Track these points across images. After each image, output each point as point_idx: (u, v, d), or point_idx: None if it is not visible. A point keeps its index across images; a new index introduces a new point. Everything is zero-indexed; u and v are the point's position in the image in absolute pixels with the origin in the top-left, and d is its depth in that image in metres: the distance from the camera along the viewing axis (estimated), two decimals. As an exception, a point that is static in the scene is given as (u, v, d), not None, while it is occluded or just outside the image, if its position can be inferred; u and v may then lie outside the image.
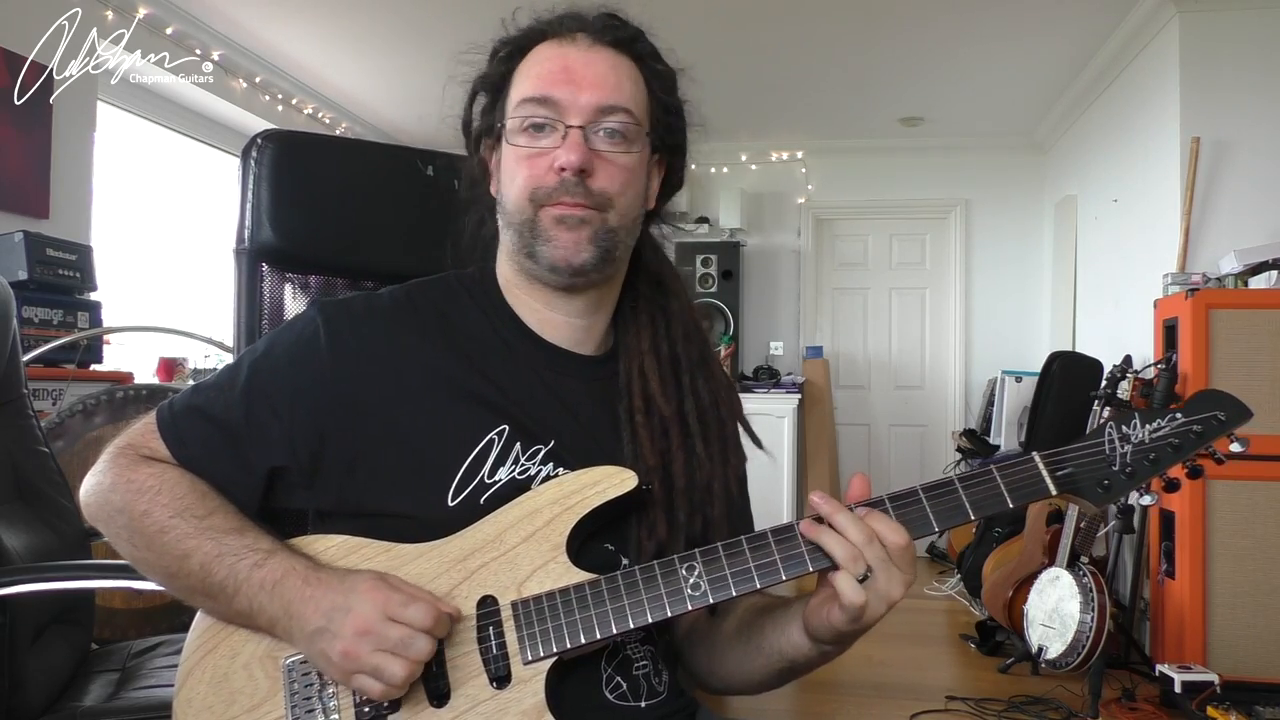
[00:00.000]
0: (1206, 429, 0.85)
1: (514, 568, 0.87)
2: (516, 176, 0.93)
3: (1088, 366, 3.95)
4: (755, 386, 5.22)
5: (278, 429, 0.91)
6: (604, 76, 0.93)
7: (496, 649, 0.85)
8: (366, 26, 4.11)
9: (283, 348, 0.94)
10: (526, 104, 0.93)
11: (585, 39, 0.95)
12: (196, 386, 0.96)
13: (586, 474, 0.90)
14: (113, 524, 0.90)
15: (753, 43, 4.21)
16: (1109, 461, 0.85)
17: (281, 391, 0.92)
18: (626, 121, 0.93)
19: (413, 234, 1.26)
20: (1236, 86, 3.47)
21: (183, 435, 0.92)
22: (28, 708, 1.38)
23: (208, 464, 0.91)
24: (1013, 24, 3.96)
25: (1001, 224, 5.69)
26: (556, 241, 0.92)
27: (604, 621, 0.85)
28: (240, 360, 0.96)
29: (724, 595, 0.85)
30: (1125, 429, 0.86)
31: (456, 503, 0.90)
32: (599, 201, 0.92)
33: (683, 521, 0.95)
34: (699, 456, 0.98)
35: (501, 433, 0.92)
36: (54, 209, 3.26)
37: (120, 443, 0.93)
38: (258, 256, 1.18)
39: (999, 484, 0.84)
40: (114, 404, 2.63)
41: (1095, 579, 2.92)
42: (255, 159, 1.16)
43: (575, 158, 0.90)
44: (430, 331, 0.95)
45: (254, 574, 0.84)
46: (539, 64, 0.94)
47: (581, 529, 0.89)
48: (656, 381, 0.99)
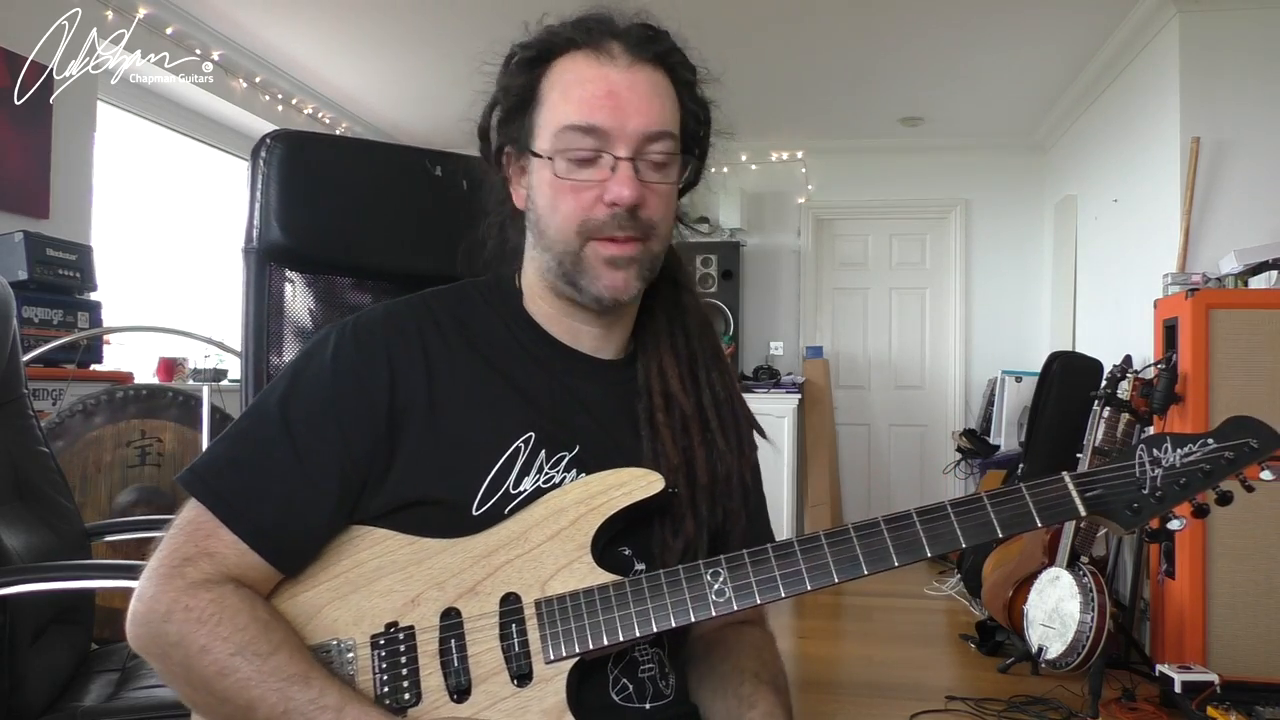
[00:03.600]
0: (1238, 455, 0.85)
1: (538, 566, 0.87)
2: (560, 206, 0.91)
3: (1088, 366, 3.95)
4: (755, 386, 5.22)
5: (329, 455, 0.87)
6: (648, 101, 0.90)
7: (519, 646, 0.85)
8: (366, 26, 4.11)
9: (311, 375, 0.91)
10: (571, 132, 0.89)
11: (622, 54, 0.90)
12: (217, 447, 0.89)
13: (613, 475, 0.90)
14: (168, 660, 0.81)
15: (753, 43, 4.21)
16: (1139, 484, 0.86)
17: (322, 418, 0.88)
18: (670, 148, 0.92)
19: (420, 234, 1.27)
20: (1236, 86, 3.47)
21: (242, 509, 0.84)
22: (28, 708, 1.39)
23: (284, 516, 0.85)
24: (1013, 24, 3.96)
25: (1001, 224, 5.69)
26: (605, 280, 0.91)
27: (627, 624, 0.85)
28: (265, 401, 0.90)
29: (748, 602, 0.85)
30: (1156, 452, 0.86)
31: (480, 513, 0.89)
32: (645, 231, 0.91)
33: (705, 516, 0.95)
34: (719, 450, 0.98)
35: (528, 440, 0.91)
36: (54, 209, 3.27)
37: (166, 559, 0.83)
38: (266, 256, 1.18)
39: (1028, 503, 0.85)
40: (114, 404, 2.64)
41: (1095, 579, 2.92)
42: (264, 159, 1.16)
43: (630, 194, 0.88)
44: (452, 340, 0.95)
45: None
46: (579, 85, 0.90)
47: (606, 530, 0.89)
48: (676, 379, 0.99)
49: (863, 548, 0.85)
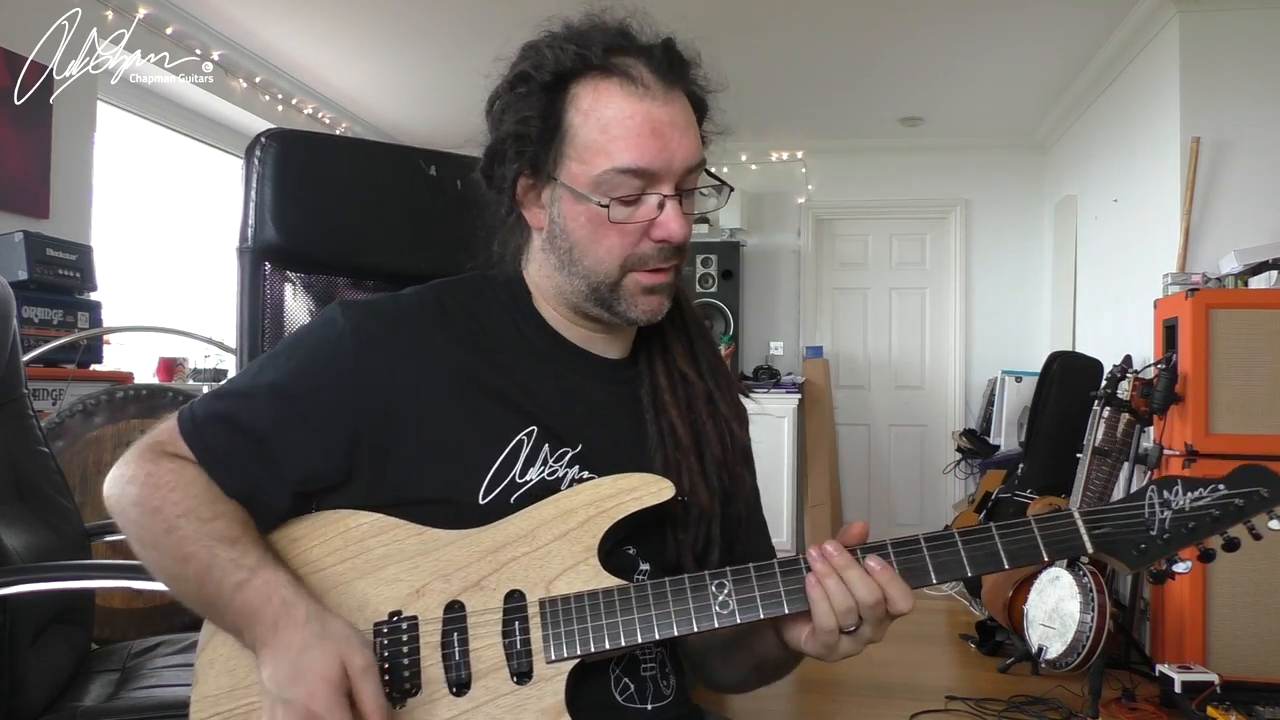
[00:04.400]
0: (1248, 504, 0.86)
1: (544, 565, 0.88)
2: (603, 241, 0.91)
3: (1088, 366, 3.95)
4: (755, 386, 5.21)
5: (307, 434, 0.89)
6: (685, 133, 0.90)
7: (520, 644, 0.85)
8: (366, 26, 4.11)
9: (308, 350, 0.93)
10: (620, 176, 0.88)
11: (654, 81, 0.89)
12: (217, 392, 0.93)
13: (624, 479, 0.91)
14: (126, 517, 0.88)
15: (753, 43, 4.21)
16: (1148, 525, 0.86)
17: (310, 396, 0.90)
18: (701, 178, 0.93)
19: (415, 233, 1.27)
20: (1236, 86, 3.47)
21: (209, 443, 0.89)
22: (28, 708, 1.38)
23: (236, 473, 0.88)
24: (1013, 24, 3.96)
25: (1001, 224, 5.69)
26: (642, 306, 0.93)
27: (630, 630, 0.85)
28: (263, 364, 0.94)
29: (752, 616, 0.86)
30: (1167, 494, 0.87)
31: (488, 500, 0.90)
32: (680, 256, 0.94)
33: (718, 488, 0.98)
34: (723, 416, 1.00)
35: (531, 433, 0.92)
36: (54, 209, 3.27)
37: (147, 439, 0.91)
38: (261, 255, 1.18)
39: (1036, 537, 0.86)
40: (114, 404, 2.63)
41: (1095, 579, 2.92)
42: (259, 158, 1.16)
43: (681, 232, 0.90)
44: (459, 331, 0.95)
45: (235, 597, 0.82)
46: (620, 123, 0.88)
47: (613, 534, 0.90)
48: (681, 355, 1.01)
49: None
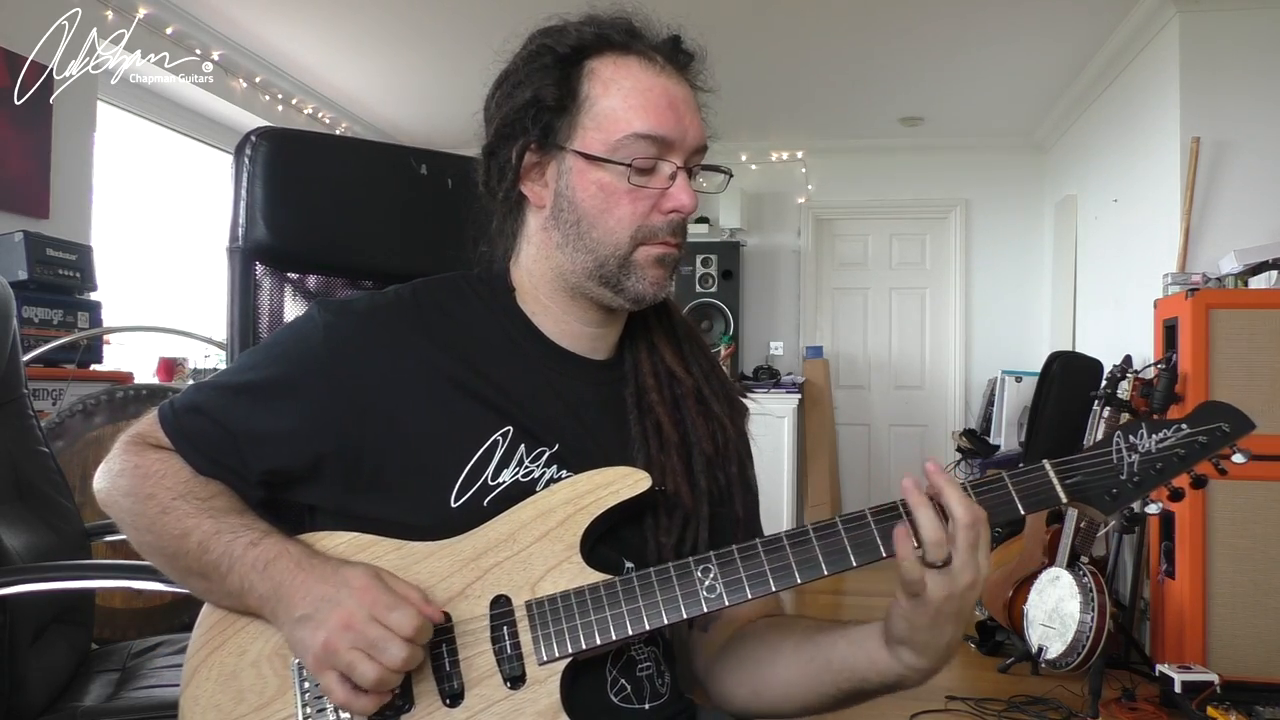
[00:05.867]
0: (1211, 440, 0.87)
1: (527, 567, 0.87)
2: (615, 210, 0.92)
3: (1088, 366, 3.95)
4: (755, 386, 5.21)
5: (276, 429, 0.90)
6: (695, 113, 0.94)
7: (511, 649, 0.85)
8: (366, 26, 4.11)
9: (283, 348, 0.94)
10: (639, 140, 0.90)
11: (665, 64, 0.93)
12: (198, 385, 0.96)
13: (600, 474, 0.90)
14: (119, 508, 0.91)
15: (753, 43, 4.21)
16: (1117, 470, 0.87)
17: (282, 392, 0.91)
18: (703, 160, 0.96)
19: (405, 232, 1.26)
20: (1236, 86, 3.47)
21: (184, 432, 0.92)
22: (28, 708, 1.38)
23: (206, 463, 0.91)
24: (1013, 24, 3.96)
25: (1001, 224, 5.69)
26: (650, 279, 0.94)
27: (619, 623, 0.85)
28: (242, 360, 0.96)
29: (739, 597, 0.85)
30: (1133, 439, 0.87)
31: (459, 504, 0.89)
32: (684, 234, 0.96)
33: (706, 490, 0.97)
34: (716, 416, 1.00)
35: (506, 434, 0.91)
36: (54, 209, 3.27)
37: (130, 432, 0.95)
38: (251, 255, 1.17)
39: (1010, 491, 0.86)
40: (114, 404, 2.63)
41: (1095, 579, 2.92)
42: (249, 156, 1.15)
43: (692, 203, 0.92)
44: (434, 331, 0.95)
45: (248, 552, 0.84)
46: (640, 92, 0.91)
47: (594, 530, 0.89)
48: (671, 354, 1.02)
49: (850, 540, 0.85)
